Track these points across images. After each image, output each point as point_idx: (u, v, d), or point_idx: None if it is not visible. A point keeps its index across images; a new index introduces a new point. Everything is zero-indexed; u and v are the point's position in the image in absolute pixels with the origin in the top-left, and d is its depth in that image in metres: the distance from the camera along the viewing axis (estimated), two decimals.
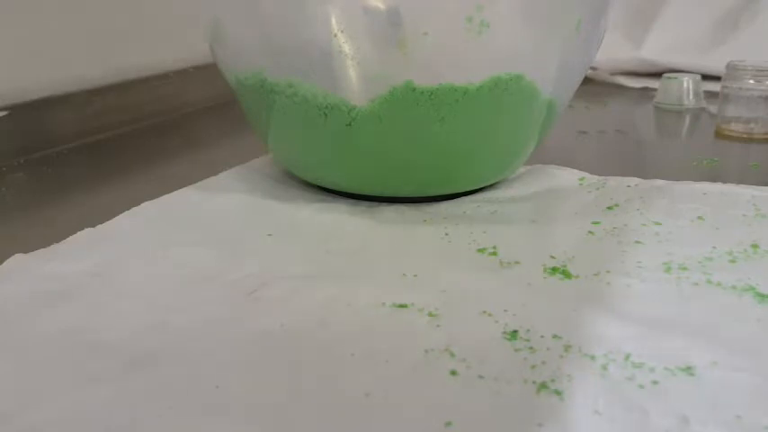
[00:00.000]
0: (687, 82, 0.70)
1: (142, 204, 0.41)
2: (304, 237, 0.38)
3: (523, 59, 0.38)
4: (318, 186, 0.45)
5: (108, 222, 0.39)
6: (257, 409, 0.23)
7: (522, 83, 0.38)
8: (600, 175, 0.47)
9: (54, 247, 0.36)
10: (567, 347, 0.26)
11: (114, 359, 0.26)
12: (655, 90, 0.74)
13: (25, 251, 0.35)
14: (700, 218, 0.39)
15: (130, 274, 0.33)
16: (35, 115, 0.56)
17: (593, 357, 0.26)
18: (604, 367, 0.25)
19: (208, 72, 0.60)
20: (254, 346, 0.27)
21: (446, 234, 0.38)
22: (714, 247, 0.35)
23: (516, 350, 0.26)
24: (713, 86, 0.70)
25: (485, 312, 0.29)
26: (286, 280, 0.32)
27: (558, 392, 0.24)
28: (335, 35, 0.36)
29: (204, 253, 0.35)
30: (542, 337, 0.27)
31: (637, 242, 0.36)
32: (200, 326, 0.28)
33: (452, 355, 0.26)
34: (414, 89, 0.37)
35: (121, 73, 0.65)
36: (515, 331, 0.28)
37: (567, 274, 0.33)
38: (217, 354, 0.26)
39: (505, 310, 0.29)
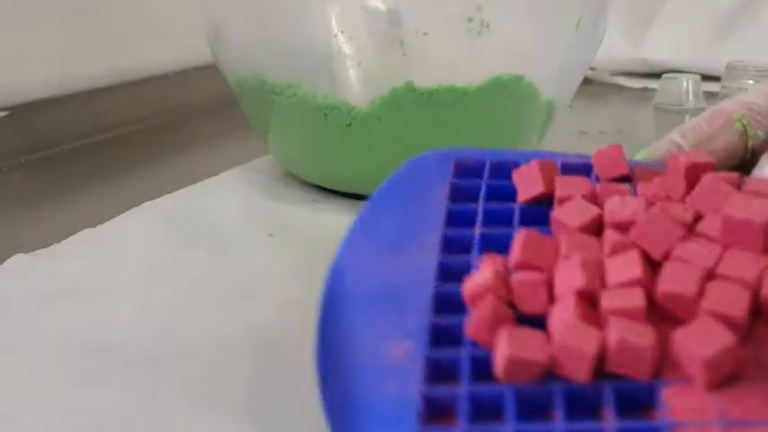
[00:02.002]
0: (687, 82, 0.70)
1: (142, 205, 0.41)
2: (304, 237, 0.38)
3: (523, 60, 0.38)
4: (319, 186, 0.45)
5: (108, 222, 0.39)
6: (257, 408, 0.23)
7: (522, 83, 0.38)
8: None
9: (54, 247, 0.36)
10: None
11: (114, 359, 0.26)
12: (655, 90, 0.74)
13: (25, 251, 0.35)
14: None
15: (130, 274, 0.33)
16: (35, 115, 0.56)
17: None
18: None
19: (208, 73, 0.60)
20: (254, 345, 0.27)
21: None
22: None
23: None
24: (713, 86, 0.70)
25: None
26: (286, 280, 0.32)
27: None
28: (335, 36, 0.36)
29: (204, 253, 0.35)
30: None
31: None
32: (200, 326, 0.28)
33: None
34: (414, 90, 0.37)
35: (121, 73, 0.65)
36: None
37: None
38: (216, 354, 0.26)
39: None
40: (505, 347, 0.19)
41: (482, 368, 0.20)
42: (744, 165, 0.31)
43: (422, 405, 0.19)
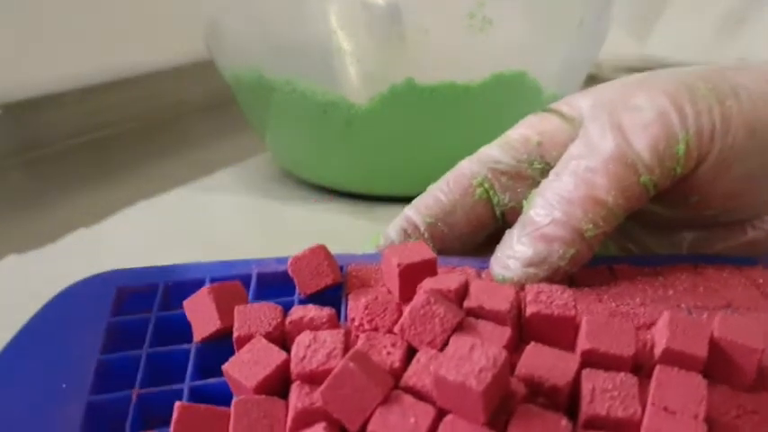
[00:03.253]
0: None
1: (137, 204, 0.41)
2: (302, 237, 0.37)
3: (526, 56, 0.38)
4: (317, 185, 0.44)
5: (102, 222, 0.39)
6: None
7: (525, 80, 0.38)
8: None
9: (48, 247, 0.35)
10: None
11: None
12: None
13: (19, 251, 0.35)
14: None
15: None
16: (28, 114, 0.55)
17: None
18: None
19: (203, 70, 0.59)
20: None
21: None
22: None
23: None
24: None
25: None
26: None
27: None
28: (335, 32, 0.36)
29: (199, 253, 0.35)
30: None
31: None
32: None
33: None
34: (414, 86, 0.36)
35: (115, 71, 0.64)
36: None
37: None
38: None
39: None
40: None
41: None
42: (495, 235, 0.25)
43: None
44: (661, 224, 0.27)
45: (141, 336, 0.21)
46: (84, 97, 0.60)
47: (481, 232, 0.26)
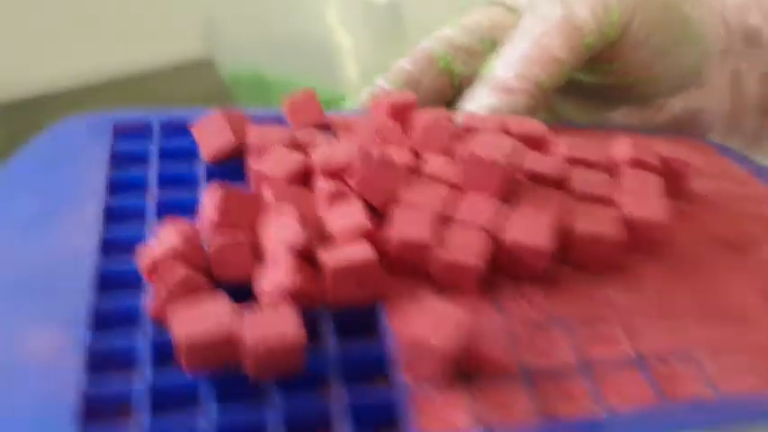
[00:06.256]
0: None
1: None
2: None
3: None
4: None
5: None
6: None
7: None
8: None
9: None
10: None
11: None
12: None
13: None
14: None
15: None
16: (25, 113, 0.55)
17: None
18: None
19: (203, 69, 0.59)
20: None
21: None
22: None
23: None
24: None
25: None
26: None
27: None
28: (334, 30, 0.36)
29: None
30: None
31: None
32: None
33: None
34: None
35: (116, 71, 0.64)
36: None
37: None
38: None
39: None
40: (179, 326, 0.16)
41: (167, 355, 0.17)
42: (451, 104, 0.30)
43: (80, 404, 0.16)
44: (586, 96, 0.32)
45: (145, 158, 0.23)
46: (84, 97, 0.60)
47: (441, 100, 0.31)
